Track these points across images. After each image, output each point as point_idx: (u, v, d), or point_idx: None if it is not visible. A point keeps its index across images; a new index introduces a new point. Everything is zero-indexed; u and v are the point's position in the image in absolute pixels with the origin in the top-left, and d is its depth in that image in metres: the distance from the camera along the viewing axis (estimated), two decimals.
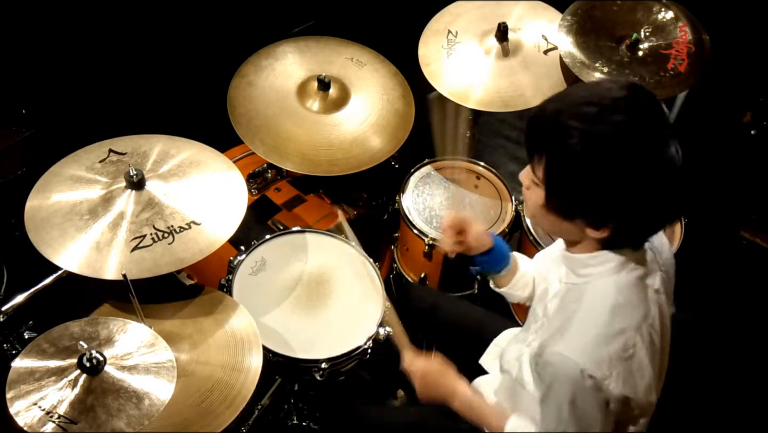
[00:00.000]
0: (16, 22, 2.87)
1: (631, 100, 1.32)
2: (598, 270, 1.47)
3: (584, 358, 1.38)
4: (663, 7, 2.46)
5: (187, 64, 3.35)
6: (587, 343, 1.40)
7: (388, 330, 2.07)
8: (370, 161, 2.38)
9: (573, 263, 1.52)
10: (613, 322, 1.40)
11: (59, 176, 1.98)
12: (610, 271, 1.46)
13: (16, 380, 1.50)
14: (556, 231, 1.53)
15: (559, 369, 1.42)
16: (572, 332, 1.43)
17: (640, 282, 1.46)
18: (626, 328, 1.41)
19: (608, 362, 1.38)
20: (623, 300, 1.43)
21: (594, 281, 1.47)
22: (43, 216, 1.87)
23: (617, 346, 1.39)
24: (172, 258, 1.84)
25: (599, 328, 1.40)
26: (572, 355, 1.39)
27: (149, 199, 1.92)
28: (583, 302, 1.46)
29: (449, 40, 2.58)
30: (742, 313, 2.97)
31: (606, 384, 1.38)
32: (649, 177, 1.30)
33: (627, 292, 1.44)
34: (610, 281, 1.45)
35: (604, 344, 1.39)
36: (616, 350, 1.39)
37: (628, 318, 1.42)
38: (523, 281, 1.94)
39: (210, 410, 1.72)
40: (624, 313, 1.42)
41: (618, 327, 1.40)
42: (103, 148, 2.06)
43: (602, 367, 1.38)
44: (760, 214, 3.14)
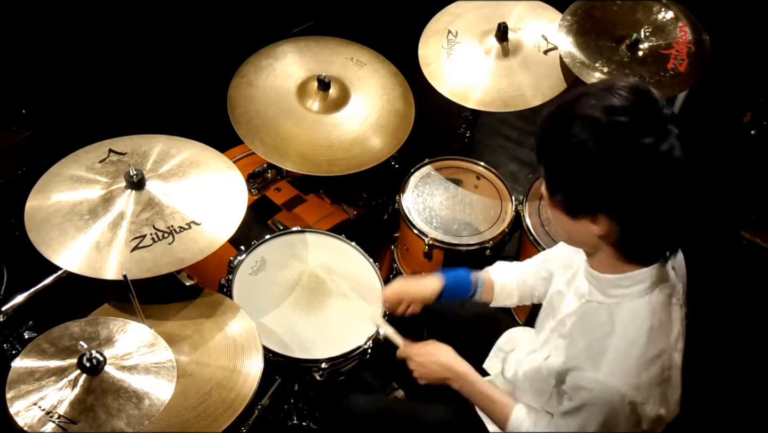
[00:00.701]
0: (16, 22, 2.87)
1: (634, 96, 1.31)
2: (630, 291, 1.44)
3: (626, 385, 1.37)
4: (663, 7, 2.46)
5: (187, 64, 3.35)
6: (627, 369, 1.38)
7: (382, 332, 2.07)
8: (370, 161, 2.38)
9: (602, 283, 1.49)
10: (651, 346, 1.40)
11: (59, 176, 1.98)
12: (641, 292, 1.43)
13: (16, 380, 1.50)
14: (572, 237, 1.49)
15: (597, 396, 1.41)
16: (610, 358, 1.40)
17: (668, 300, 1.45)
18: (663, 350, 1.41)
19: (648, 387, 1.38)
20: (657, 322, 1.42)
21: (626, 302, 1.45)
22: (43, 216, 1.87)
23: (656, 370, 1.39)
24: (172, 258, 1.84)
25: (638, 353, 1.39)
26: (612, 382, 1.38)
27: (149, 199, 1.92)
28: (616, 325, 1.44)
29: (449, 40, 2.58)
30: (742, 313, 2.97)
31: (644, 408, 1.38)
32: (638, 166, 1.28)
33: (660, 313, 1.43)
34: (643, 303, 1.43)
35: (644, 370, 1.38)
36: (655, 374, 1.39)
37: (663, 340, 1.41)
38: (506, 292, 1.96)
39: (208, 413, 1.72)
40: (659, 335, 1.41)
41: (655, 351, 1.40)
42: (103, 148, 2.06)
43: (642, 392, 1.38)
44: (760, 214, 3.14)
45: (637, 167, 1.28)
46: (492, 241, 2.47)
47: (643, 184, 1.29)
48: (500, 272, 1.98)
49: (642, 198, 1.31)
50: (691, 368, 1.54)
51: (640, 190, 1.30)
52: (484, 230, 2.52)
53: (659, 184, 1.30)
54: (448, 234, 2.49)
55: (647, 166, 1.28)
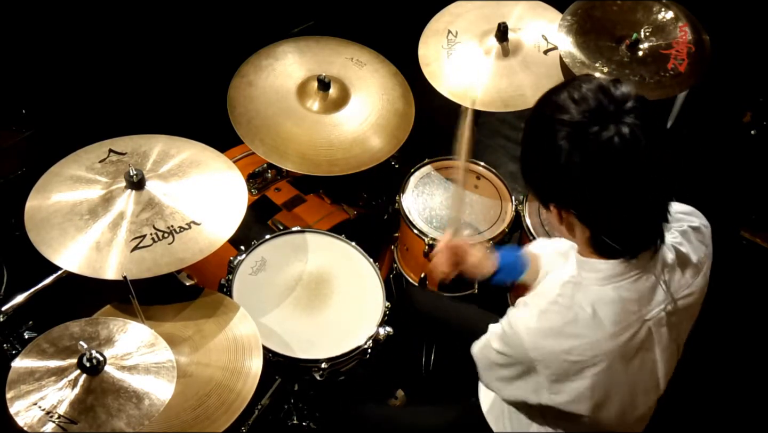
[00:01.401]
0: (16, 22, 2.87)
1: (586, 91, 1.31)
2: (589, 276, 1.44)
3: (527, 330, 1.42)
4: (663, 7, 2.46)
5: (187, 64, 3.35)
6: (538, 324, 1.41)
7: (388, 330, 2.08)
8: (370, 161, 2.38)
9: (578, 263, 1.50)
10: (573, 325, 1.39)
11: (59, 176, 1.98)
12: (594, 281, 1.43)
13: (16, 380, 1.50)
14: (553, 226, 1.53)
15: (501, 330, 1.49)
16: (531, 307, 1.45)
17: (628, 305, 1.42)
18: (584, 341, 1.39)
19: (550, 355, 1.40)
20: (591, 312, 1.40)
21: (583, 283, 1.45)
22: (43, 216, 1.87)
23: (566, 346, 1.39)
24: (172, 258, 1.84)
25: (555, 319, 1.41)
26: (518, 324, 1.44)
27: (149, 199, 1.92)
28: (562, 295, 1.44)
29: (449, 40, 2.58)
30: (742, 313, 2.97)
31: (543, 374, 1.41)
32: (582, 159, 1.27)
33: (604, 308, 1.40)
34: (591, 291, 1.42)
35: (553, 337, 1.40)
36: (564, 351, 1.39)
37: (591, 332, 1.40)
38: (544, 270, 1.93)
39: (207, 414, 1.72)
40: (589, 325, 1.39)
41: (574, 332, 1.39)
42: (103, 148, 2.06)
43: (542, 353, 1.40)
44: (760, 214, 3.14)
45: (584, 158, 1.27)
46: (492, 241, 2.47)
47: (590, 174, 1.28)
48: (544, 247, 1.93)
49: (591, 190, 1.30)
50: (691, 368, 1.54)
51: (587, 181, 1.29)
52: (484, 229, 2.52)
53: (606, 174, 1.27)
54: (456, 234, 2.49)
55: (592, 155, 1.26)
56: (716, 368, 2.77)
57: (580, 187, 1.30)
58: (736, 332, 2.92)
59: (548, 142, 1.30)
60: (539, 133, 1.34)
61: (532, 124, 1.37)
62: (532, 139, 1.37)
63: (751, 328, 2.93)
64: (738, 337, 2.91)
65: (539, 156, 1.34)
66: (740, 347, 2.88)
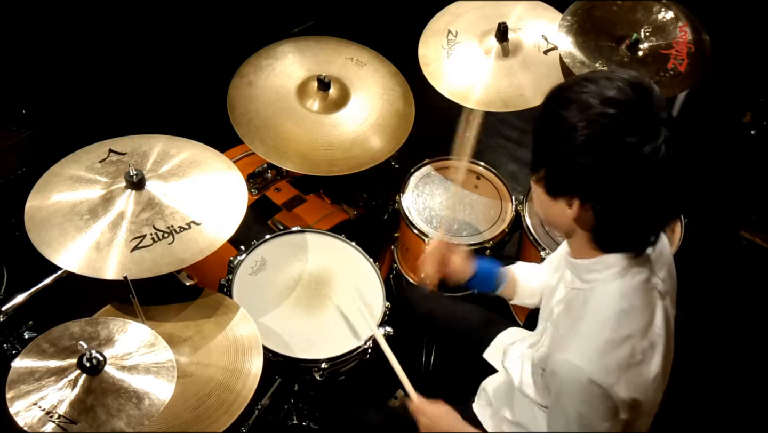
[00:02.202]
0: (16, 22, 2.87)
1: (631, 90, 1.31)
2: (602, 275, 1.45)
3: (592, 366, 1.37)
4: (663, 7, 2.46)
5: (187, 64, 3.35)
6: (594, 350, 1.38)
7: (388, 331, 2.07)
8: (370, 161, 2.38)
9: (578, 268, 1.50)
10: (619, 328, 1.39)
11: (59, 176, 1.98)
12: (613, 276, 1.44)
13: (16, 380, 1.50)
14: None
15: (566, 377, 1.41)
16: (579, 339, 1.41)
17: (645, 286, 1.45)
18: (633, 333, 1.40)
19: (616, 370, 1.37)
20: (627, 305, 1.42)
21: (599, 286, 1.46)
22: (43, 216, 1.87)
23: (625, 352, 1.39)
24: (172, 258, 1.84)
25: (606, 334, 1.39)
26: (580, 362, 1.38)
27: (149, 199, 1.92)
28: (587, 308, 1.45)
29: (449, 40, 2.58)
30: (742, 313, 2.97)
31: (615, 391, 1.37)
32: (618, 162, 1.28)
33: (632, 297, 1.43)
34: (614, 287, 1.44)
35: (611, 351, 1.38)
36: (624, 356, 1.38)
37: (634, 323, 1.41)
38: (529, 290, 1.95)
39: (207, 414, 1.72)
40: (629, 318, 1.41)
41: (624, 333, 1.39)
42: (103, 148, 2.05)
43: (611, 375, 1.37)
44: (760, 214, 3.14)
45: (617, 163, 1.29)
46: (492, 241, 2.47)
47: (620, 179, 1.30)
48: (525, 270, 1.97)
49: (617, 192, 1.32)
50: (691, 367, 1.54)
51: (616, 184, 1.31)
52: (484, 229, 2.53)
53: (637, 182, 1.30)
54: (448, 234, 2.49)
55: (627, 163, 1.28)
56: (716, 368, 2.77)
57: (607, 186, 1.32)
58: (736, 332, 2.92)
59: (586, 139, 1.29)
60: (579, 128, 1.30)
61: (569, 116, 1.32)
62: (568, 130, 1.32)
63: (751, 328, 2.93)
64: (738, 337, 2.91)
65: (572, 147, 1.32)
66: (740, 347, 2.88)
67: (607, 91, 1.30)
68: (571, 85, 1.36)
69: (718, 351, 2.81)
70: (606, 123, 1.28)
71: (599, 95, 1.30)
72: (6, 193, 2.67)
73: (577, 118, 1.30)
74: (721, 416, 2.69)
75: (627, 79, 1.32)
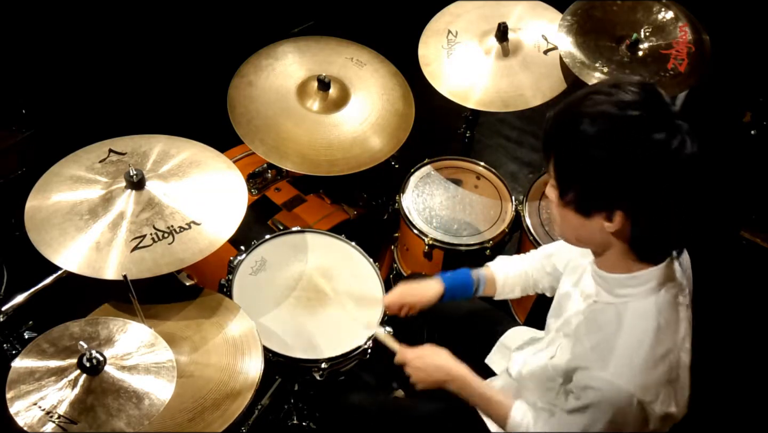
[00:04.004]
0: (16, 22, 2.87)
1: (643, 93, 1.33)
2: (638, 291, 1.44)
3: (634, 384, 1.37)
4: (663, 7, 2.46)
5: (187, 64, 3.35)
6: (635, 368, 1.38)
7: (388, 331, 2.07)
8: (370, 161, 2.38)
9: (610, 283, 1.49)
10: (658, 345, 1.40)
11: (59, 176, 1.98)
12: (649, 292, 1.44)
13: (16, 380, 1.50)
14: (582, 237, 1.48)
15: (606, 395, 1.40)
16: (618, 357, 1.40)
17: (675, 300, 1.45)
18: (670, 349, 1.41)
19: (656, 386, 1.38)
20: (664, 322, 1.42)
21: (633, 302, 1.45)
22: (43, 216, 1.87)
23: (663, 369, 1.39)
24: (172, 258, 1.84)
25: (645, 352, 1.39)
26: (620, 381, 1.38)
27: (149, 199, 1.92)
28: (624, 325, 1.43)
29: (449, 40, 2.58)
30: (742, 313, 2.97)
31: (653, 407, 1.38)
32: (651, 161, 1.29)
33: (666, 313, 1.43)
34: (650, 302, 1.43)
35: (652, 369, 1.38)
36: (663, 373, 1.39)
37: (670, 339, 1.41)
38: (509, 285, 1.96)
39: (207, 414, 1.72)
40: (666, 334, 1.41)
41: (663, 350, 1.40)
42: (103, 148, 2.05)
43: (651, 391, 1.38)
44: (760, 214, 3.14)
45: (650, 161, 1.29)
46: (492, 241, 2.47)
47: (656, 178, 1.30)
48: (501, 265, 1.98)
49: (655, 192, 1.32)
50: (690, 368, 1.54)
51: (653, 184, 1.31)
52: (484, 229, 2.53)
53: (672, 178, 1.31)
54: (448, 234, 2.49)
55: (660, 160, 1.29)
56: (716, 368, 2.77)
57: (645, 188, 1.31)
58: (736, 331, 2.92)
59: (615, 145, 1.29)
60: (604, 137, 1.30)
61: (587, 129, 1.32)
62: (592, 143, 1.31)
63: (751, 328, 2.93)
64: (738, 337, 2.91)
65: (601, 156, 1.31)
66: (740, 347, 2.88)
67: (623, 96, 1.31)
68: (579, 100, 1.36)
69: (718, 351, 2.80)
70: (629, 126, 1.29)
71: (615, 103, 1.31)
72: (6, 193, 2.67)
73: (597, 130, 1.30)
74: (721, 416, 2.69)
75: (634, 82, 1.33)
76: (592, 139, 1.31)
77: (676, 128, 1.30)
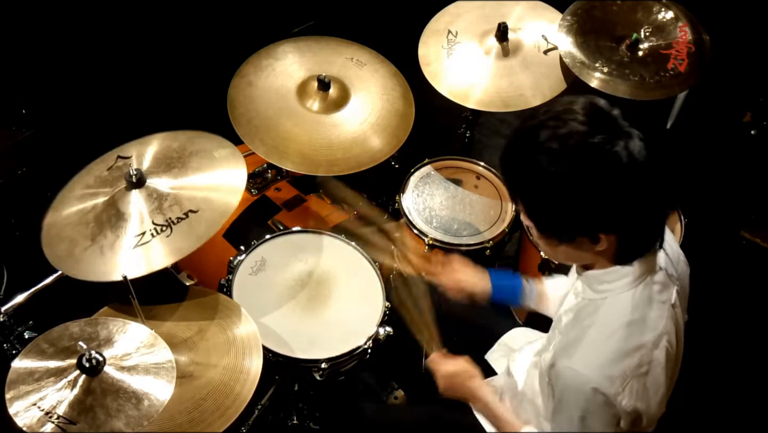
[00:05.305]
0: (16, 22, 2.88)
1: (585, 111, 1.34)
2: (614, 286, 1.45)
3: (596, 374, 1.38)
4: (663, 7, 2.46)
5: (188, 65, 3.35)
6: (600, 359, 1.39)
7: (388, 331, 2.08)
8: (370, 161, 2.38)
9: (590, 279, 1.50)
10: (629, 338, 1.40)
11: (73, 191, 2.00)
12: (626, 286, 1.44)
13: (16, 380, 1.50)
14: (573, 258, 1.51)
15: (570, 383, 1.42)
16: (585, 347, 1.42)
17: (657, 297, 1.45)
18: (642, 344, 1.40)
19: (621, 379, 1.38)
20: (639, 316, 1.42)
21: (611, 297, 1.46)
22: (55, 233, 1.89)
23: (632, 362, 1.39)
24: (171, 248, 1.85)
25: (613, 345, 1.39)
26: (584, 370, 1.39)
27: (149, 195, 1.92)
28: (597, 317, 1.45)
29: (449, 40, 2.58)
30: (742, 313, 2.97)
31: (618, 400, 1.38)
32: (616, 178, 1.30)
33: (642, 309, 1.43)
34: (627, 297, 1.44)
35: (618, 362, 1.38)
36: (630, 367, 1.39)
37: (644, 335, 1.41)
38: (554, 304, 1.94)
39: (207, 414, 1.72)
40: (641, 329, 1.41)
41: (633, 344, 1.40)
42: (112, 156, 2.06)
43: (615, 383, 1.38)
44: (760, 214, 3.14)
45: (613, 178, 1.30)
46: (492, 241, 2.47)
47: (624, 192, 1.31)
48: (556, 285, 1.96)
49: (628, 205, 1.33)
50: (691, 368, 1.54)
51: (623, 199, 1.32)
52: (484, 229, 2.52)
53: (639, 186, 1.31)
54: (448, 234, 2.49)
55: (622, 173, 1.30)
56: (716, 367, 2.77)
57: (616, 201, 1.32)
58: (736, 331, 2.92)
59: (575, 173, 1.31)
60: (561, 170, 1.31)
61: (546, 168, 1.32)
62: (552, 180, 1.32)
63: (751, 328, 2.93)
64: (738, 337, 2.91)
65: (566, 190, 1.32)
66: (740, 347, 2.88)
67: (567, 128, 1.32)
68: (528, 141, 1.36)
69: (718, 351, 2.81)
70: (586, 152, 1.30)
71: (562, 136, 1.31)
72: (6, 193, 2.67)
73: (558, 167, 1.31)
74: (721, 416, 2.69)
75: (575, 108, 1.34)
76: (554, 177, 1.32)
77: (626, 136, 1.30)
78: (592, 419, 1.41)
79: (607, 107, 1.35)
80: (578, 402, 1.41)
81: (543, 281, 1.99)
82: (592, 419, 1.41)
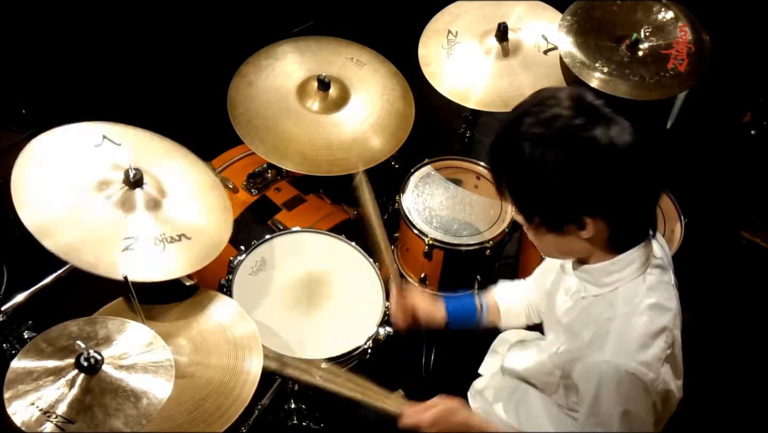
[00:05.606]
0: (15, 22, 2.88)
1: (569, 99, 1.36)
2: (624, 274, 1.46)
3: (633, 361, 1.38)
4: (663, 7, 2.46)
5: (187, 64, 3.35)
6: (632, 346, 1.39)
7: (388, 331, 2.07)
8: (370, 161, 2.38)
9: (594, 274, 1.49)
10: (653, 322, 1.41)
11: None
12: (635, 272, 1.45)
13: (14, 379, 1.50)
14: (564, 250, 1.51)
15: (606, 378, 1.41)
16: (613, 339, 1.41)
17: (663, 279, 1.47)
18: (665, 326, 1.42)
19: (655, 363, 1.39)
20: (656, 300, 1.43)
21: (622, 286, 1.46)
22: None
23: (660, 346, 1.40)
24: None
25: (641, 330, 1.40)
26: (619, 360, 1.39)
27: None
28: (617, 308, 1.45)
29: (449, 40, 2.58)
30: (742, 313, 2.96)
31: (654, 386, 1.39)
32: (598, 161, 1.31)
33: (657, 291, 1.45)
34: (639, 282, 1.45)
35: (648, 346, 1.39)
36: (660, 349, 1.40)
37: (664, 316, 1.43)
38: (513, 313, 1.95)
39: (207, 414, 1.72)
40: (660, 311, 1.43)
41: (658, 326, 1.41)
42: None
43: (651, 368, 1.38)
44: (760, 214, 3.14)
45: (595, 161, 1.31)
46: (492, 241, 2.47)
47: (606, 175, 1.32)
48: (504, 293, 1.97)
49: (611, 188, 1.34)
50: (690, 367, 1.54)
51: (606, 181, 1.33)
52: (484, 229, 2.52)
53: (622, 169, 1.32)
54: (448, 234, 2.49)
55: (603, 156, 1.31)
56: (716, 367, 2.77)
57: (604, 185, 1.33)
58: (737, 331, 2.92)
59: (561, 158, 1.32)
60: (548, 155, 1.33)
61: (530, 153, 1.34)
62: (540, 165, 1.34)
63: (751, 328, 2.93)
64: (738, 337, 2.90)
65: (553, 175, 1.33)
66: (740, 347, 2.88)
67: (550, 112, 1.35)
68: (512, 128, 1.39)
69: (718, 351, 2.81)
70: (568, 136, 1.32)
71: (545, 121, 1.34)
72: (6, 193, 2.67)
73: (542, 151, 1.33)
74: (721, 416, 2.68)
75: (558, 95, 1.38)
76: (537, 161, 1.33)
77: (607, 120, 1.32)
78: (636, 409, 1.41)
79: (590, 97, 1.37)
80: (618, 394, 1.41)
81: (491, 291, 1.98)
82: (637, 409, 1.41)
